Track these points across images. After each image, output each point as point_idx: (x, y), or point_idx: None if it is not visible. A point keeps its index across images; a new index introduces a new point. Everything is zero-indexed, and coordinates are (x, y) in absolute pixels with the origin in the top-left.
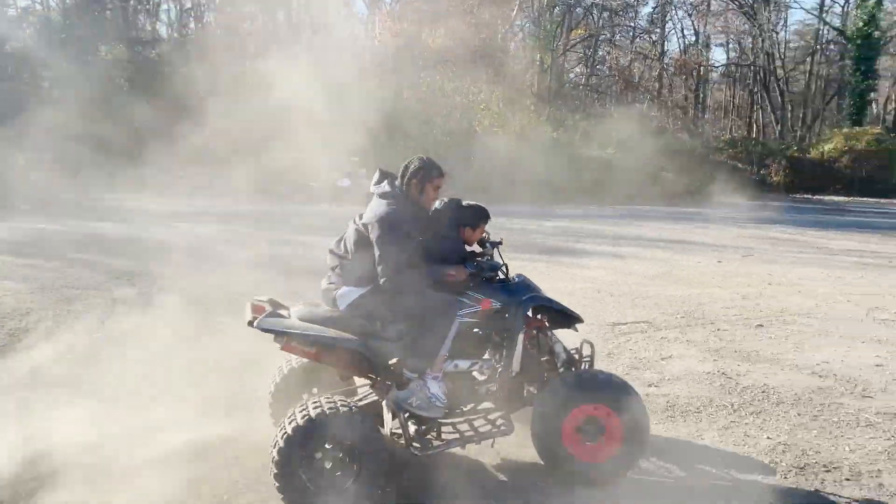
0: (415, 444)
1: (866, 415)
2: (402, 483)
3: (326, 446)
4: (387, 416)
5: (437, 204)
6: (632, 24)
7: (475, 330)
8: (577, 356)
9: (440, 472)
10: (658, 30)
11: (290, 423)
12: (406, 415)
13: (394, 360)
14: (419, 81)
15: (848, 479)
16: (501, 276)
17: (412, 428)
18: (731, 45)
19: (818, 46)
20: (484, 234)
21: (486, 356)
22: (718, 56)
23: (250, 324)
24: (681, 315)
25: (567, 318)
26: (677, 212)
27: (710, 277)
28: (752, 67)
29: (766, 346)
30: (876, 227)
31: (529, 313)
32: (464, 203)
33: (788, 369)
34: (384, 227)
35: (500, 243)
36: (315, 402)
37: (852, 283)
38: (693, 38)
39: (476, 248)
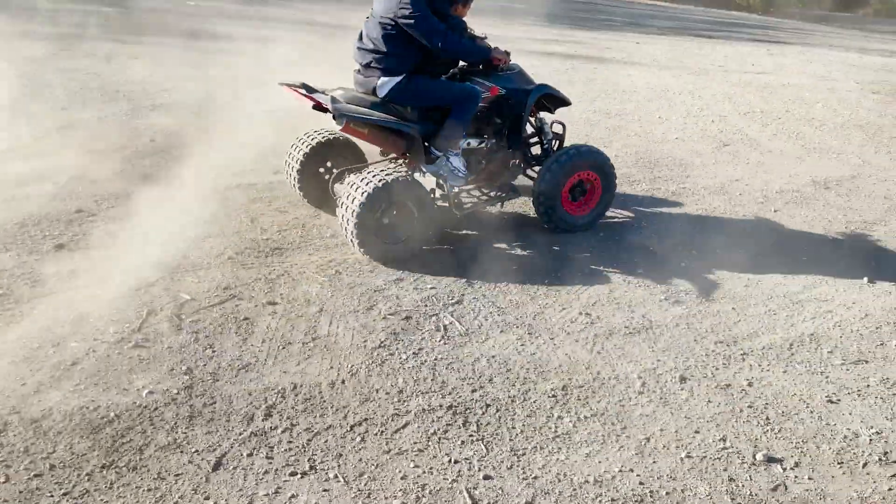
0: (461, 204)
1: None
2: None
3: (390, 206)
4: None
5: None
6: None
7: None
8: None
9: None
10: None
11: (358, 191)
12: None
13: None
14: None
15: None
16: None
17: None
18: None
19: None
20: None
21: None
22: None
23: (320, 108)
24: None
25: (557, 101)
26: None
27: None
28: None
29: None
30: (500, 13)
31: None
32: None
33: None
34: (414, 8)
35: (486, 37)
36: (375, 173)
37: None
38: None
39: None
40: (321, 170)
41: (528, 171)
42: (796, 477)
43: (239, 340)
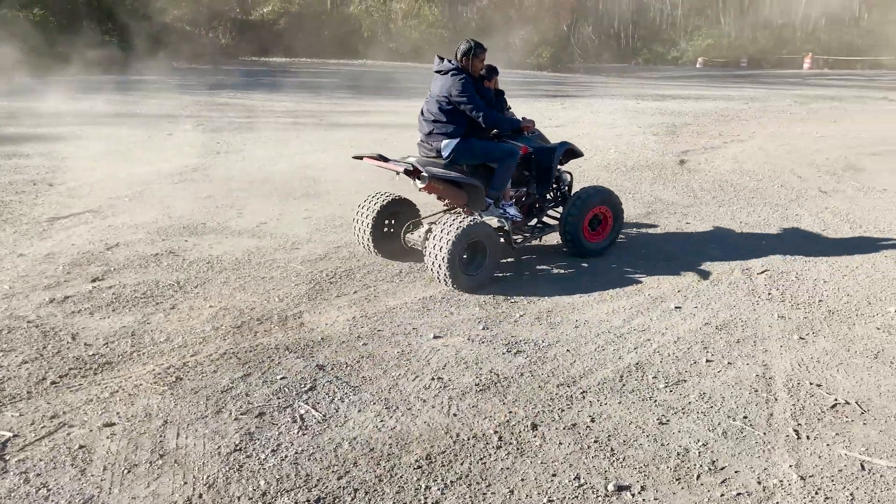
0: (514, 240)
1: (293, 265)
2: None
3: (468, 245)
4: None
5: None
6: None
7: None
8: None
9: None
10: None
11: (444, 238)
12: (501, 223)
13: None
14: None
15: (278, 326)
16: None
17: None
18: None
19: None
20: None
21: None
22: None
23: (411, 173)
24: (129, 198)
25: (571, 155)
26: (118, 82)
27: (160, 152)
28: None
29: (213, 216)
30: (310, 87)
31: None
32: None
33: (232, 236)
34: (464, 90)
35: (510, 108)
36: (455, 221)
37: (289, 143)
38: None
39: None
40: (385, 227)
41: (550, 212)
42: (644, 500)
43: (76, 473)
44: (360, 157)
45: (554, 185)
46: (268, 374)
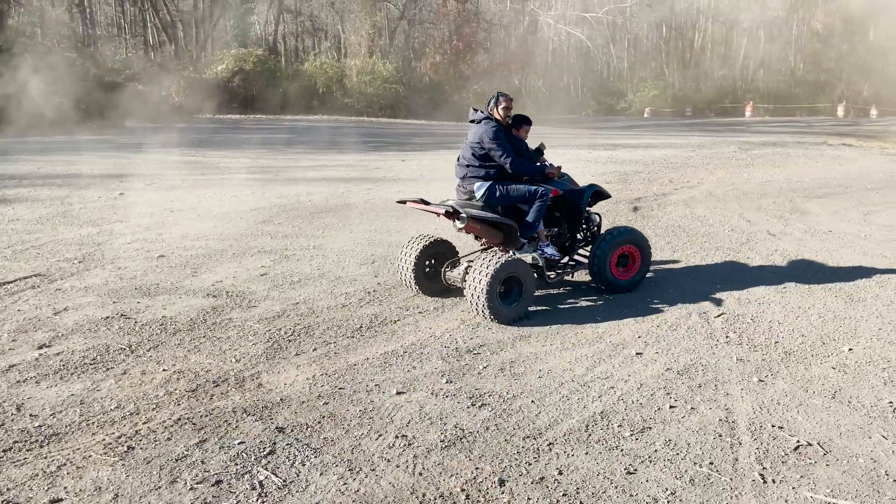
0: (548, 276)
1: (250, 323)
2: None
3: (505, 280)
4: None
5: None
6: None
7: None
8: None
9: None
10: None
11: (482, 274)
12: (534, 261)
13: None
14: None
15: (235, 388)
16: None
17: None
18: None
19: None
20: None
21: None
22: None
23: (451, 215)
24: (78, 260)
25: (599, 196)
26: (67, 142)
27: (110, 212)
28: None
29: (166, 276)
30: (266, 143)
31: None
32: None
33: (186, 296)
34: (494, 138)
35: (545, 148)
36: (492, 258)
37: (245, 199)
38: None
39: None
40: (427, 267)
41: (581, 250)
42: None
43: None
44: (404, 202)
45: (584, 225)
46: (225, 439)
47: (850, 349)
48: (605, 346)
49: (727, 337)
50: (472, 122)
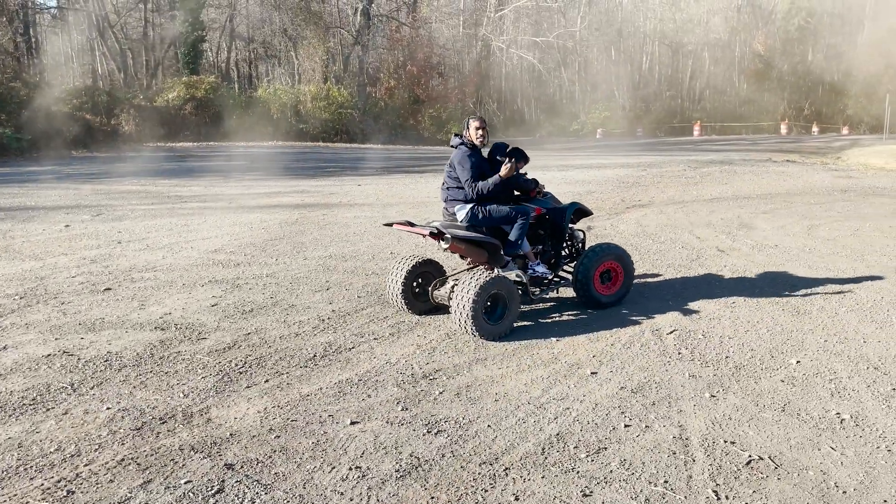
0: (532, 292)
1: (200, 356)
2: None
3: (490, 298)
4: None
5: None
6: None
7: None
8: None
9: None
10: None
11: (467, 292)
12: (518, 277)
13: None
14: None
15: (182, 424)
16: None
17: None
18: None
19: None
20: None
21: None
22: None
23: (436, 235)
24: (19, 296)
25: (581, 214)
26: (12, 173)
27: (55, 245)
28: (85, 12)
29: (112, 310)
30: (219, 171)
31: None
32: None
33: (133, 330)
34: (461, 161)
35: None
36: (476, 277)
37: (196, 228)
38: None
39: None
40: (415, 286)
41: (564, 267)
42: None
43: None
44: (390, 224)
45: (568, 242)
46: (171, 478)
47: (798, 362)
48: (560, 366)
49: (679, 353)
50: (452, 146)
